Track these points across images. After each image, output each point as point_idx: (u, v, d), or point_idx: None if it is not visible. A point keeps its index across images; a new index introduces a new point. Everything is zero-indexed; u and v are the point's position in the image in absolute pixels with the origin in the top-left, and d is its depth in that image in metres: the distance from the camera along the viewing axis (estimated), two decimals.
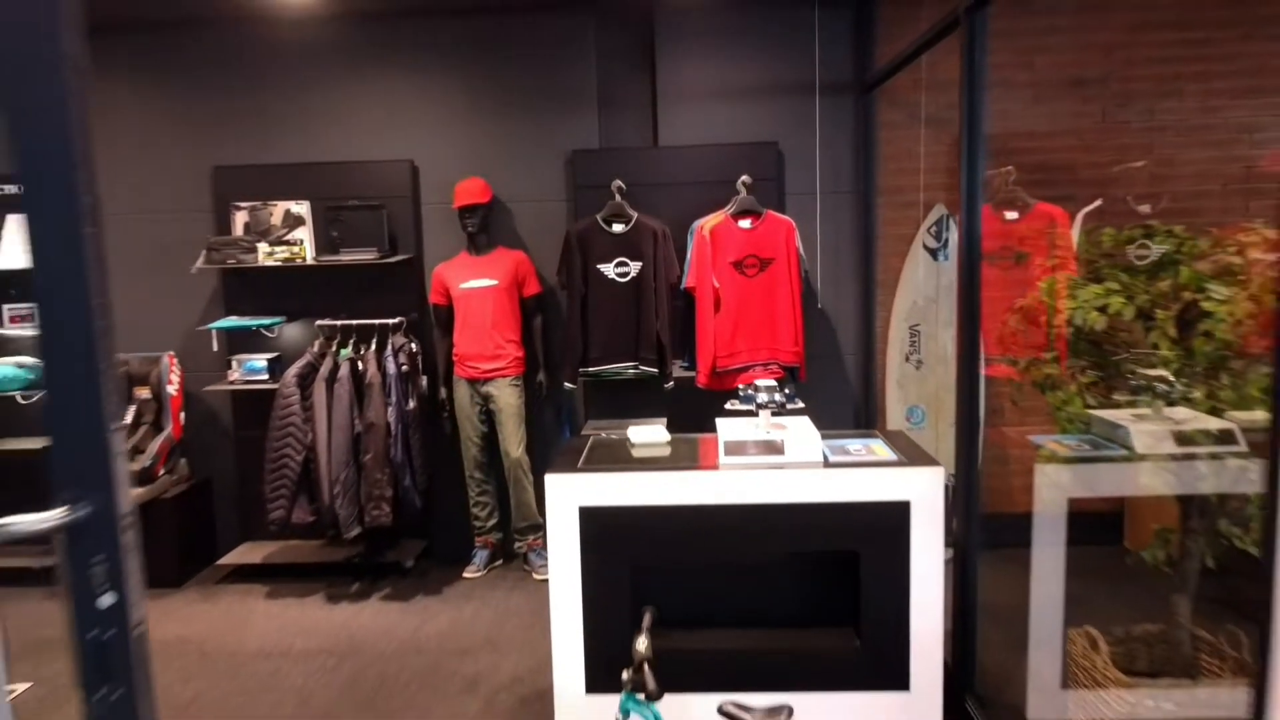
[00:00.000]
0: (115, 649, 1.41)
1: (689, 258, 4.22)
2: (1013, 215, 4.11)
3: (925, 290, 4.39)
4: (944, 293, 4.33)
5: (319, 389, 4.12)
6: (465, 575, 4.45)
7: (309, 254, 4.44)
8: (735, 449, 2.84)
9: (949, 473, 2.95)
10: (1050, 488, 2.75)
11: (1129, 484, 2.72)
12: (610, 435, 3.24)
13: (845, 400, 4.56)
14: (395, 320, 4.37)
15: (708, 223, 4.15)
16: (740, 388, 3.33)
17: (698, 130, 4.47)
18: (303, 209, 4.47)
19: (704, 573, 2.96)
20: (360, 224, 4.44)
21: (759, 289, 4.18)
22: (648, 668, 2.41)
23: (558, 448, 3.61)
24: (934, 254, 4.40)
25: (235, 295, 4.54)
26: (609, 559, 2.78)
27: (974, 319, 2.93)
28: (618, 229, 4.26)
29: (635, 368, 4.27)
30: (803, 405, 3.55)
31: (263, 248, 4.38)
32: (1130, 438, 2.65)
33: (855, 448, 2.97)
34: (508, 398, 4.33)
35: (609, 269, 4.26)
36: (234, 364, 4.46)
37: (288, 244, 4.41)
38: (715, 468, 2.81)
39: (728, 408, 3.44)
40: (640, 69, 4.52)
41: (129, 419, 4.51)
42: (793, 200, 4.44)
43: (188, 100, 4.53)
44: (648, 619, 2.53)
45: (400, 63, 4.51)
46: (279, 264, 4.38)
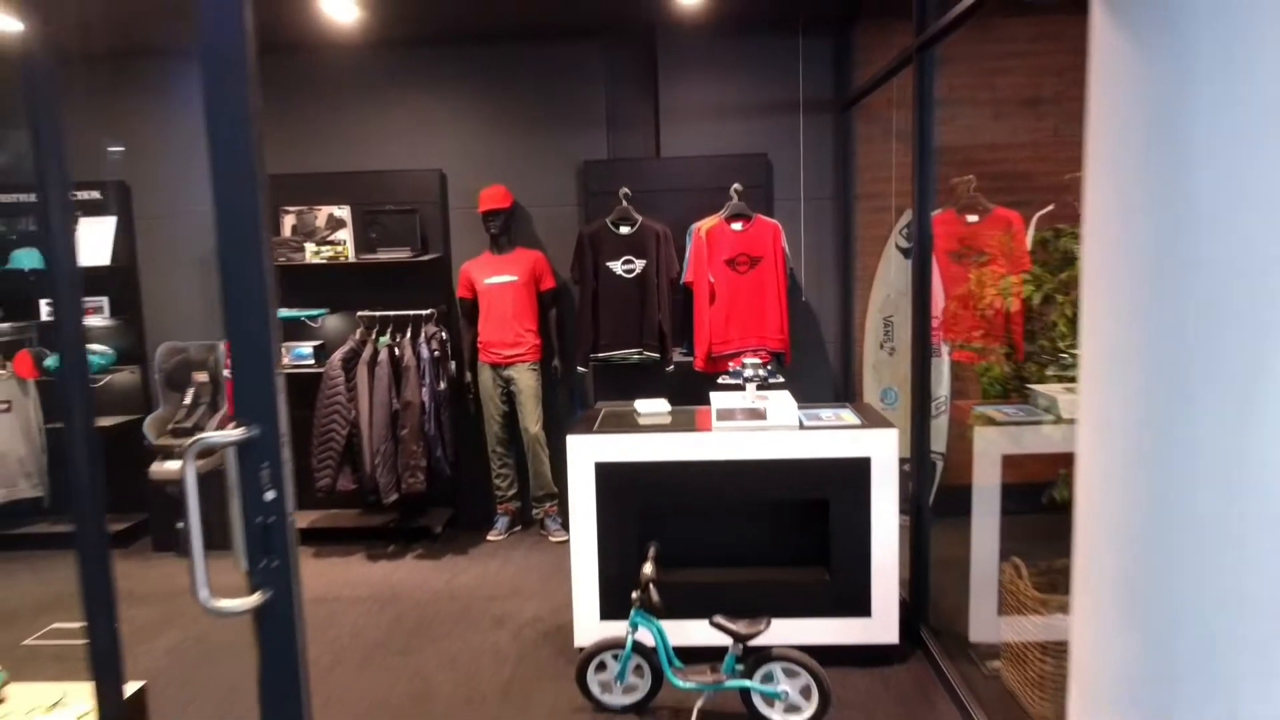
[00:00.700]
0: (275, 531, 1.96)
1: (687, 256, 4.77)
2: (974, 218, 4.65)
3: (897, 285, 4.93)
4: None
5: (362, 372, 4.68)
6: (489, 538, 5.00)
7: (350, 253, 4.99)
8: (725, 415, 3.39)
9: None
10: (987, 446, 3.30)
11: (1049, 444, 3.26)
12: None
13: (826, 382, 5.11)
14: (427, 311, 4.93)
15: (704, 225, 4.71)
16: (731, 366, 3.88)
17: (695, 143, 5.02)
18: (344, 213, 5.02)
19: (699, 518, 3.51)
20: (395, 226, 4.99)
21: (749, 284, 4.73)
22: (653, 588, 2.97)
23: (573, 419, 4.15)
24: (905, 253, 4.94)
25: (284, 289, 5.09)
26: (620, 506, 3.33)
27: (925, 311, 3.49)
28: (624, 231, 4.81)
29: (640, 353, 4.82)
30: (783, 380, 4.09)
31: (309, 247, 4.93)
32: (1058, 406, 3.21)
33: (826, 415, 3.52)
34: (527, 380, 4.88)
35: (617, 266, 4.82)
36: (283, 351, 5.01)
37: (331, 244, 4.96)
38: (709, 430, 3.37)
39: (720, 382, 3.99)
40: (644, 89, 5.07)
41: (188, 400, 5.07)
42: (779, 205, 5.00)
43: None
44: (652, 550, 3.09)
45: (431, 84, 5.06)
46: (323, 261, 4.94)
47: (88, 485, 1.88)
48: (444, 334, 4.93)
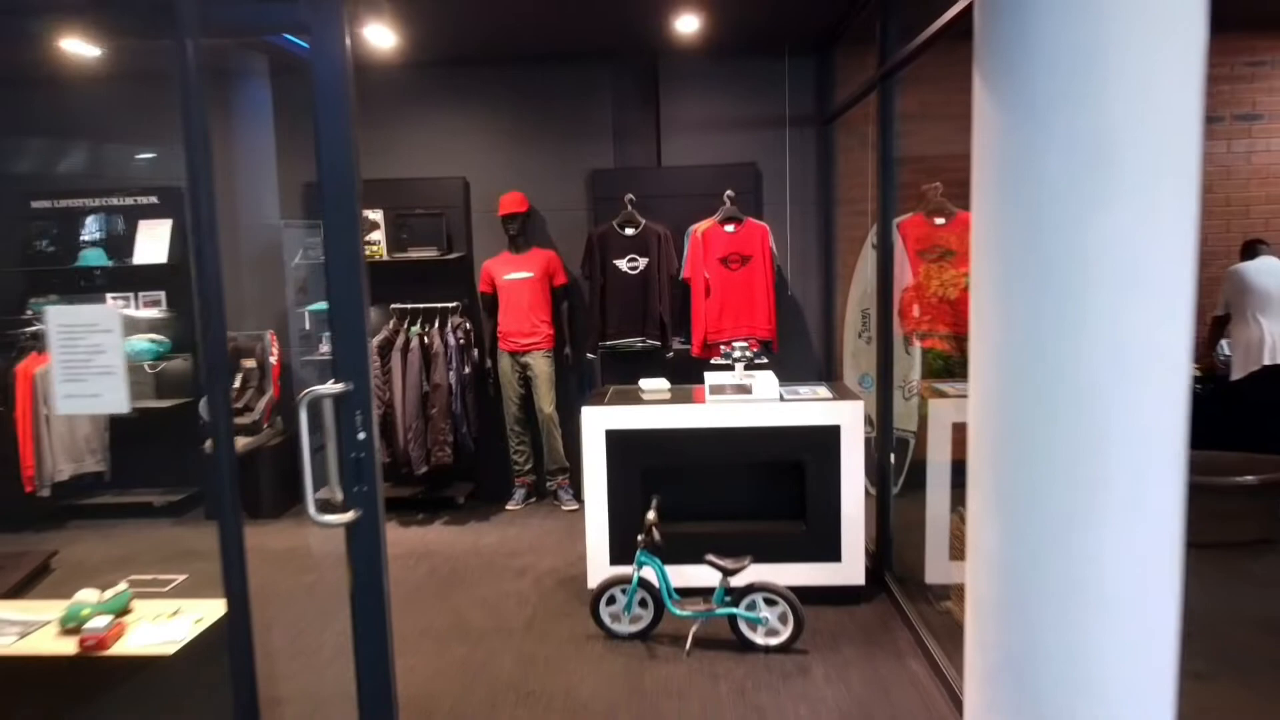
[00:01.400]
0: (364, 463, 2.53)
1: (685, 255, 5.35)
2: (941, 221, 5.21)
3: (874, 281, 5.49)
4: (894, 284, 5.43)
5: (395, 357, 5.25)
6: (508, 508, 5.58)
7: (384, 251, 5.57)
8: (717, 389, 3.97)
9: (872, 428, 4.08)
10: (938, 415, 3.87)
11: None
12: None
13: (810, 368, 5.68)
14: (452, 304, 5.50)
15: (700, 227, 5.28)
16: (723, 350, 4.45)
17: (692, 154, 5.60)
18: (378, 216, 5.59)
19: (694, 477, 4.08)
20: (424, 228, 5.57)
21: (740, 280, 5.31)
22: (655, 531, 3.55)
23: (585, 399, 4.72)
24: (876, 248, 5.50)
25: (323, 284, 5.66)
26: (626, 467, 3.91)
27: (888, 302, 4.07)
28: (629, 232, 5.39)
29: (643, 341, 5.40)
30: (767, 361, 4.65)
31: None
32: None
33: (804, 391, 4.10)
34: (541, 366, 5.46)
35: (622, 264, 5.39)
36: (323, 340, 5.59)
37: (366, 243, 5.53)
38: (703, 402, 3.95)
39: (712, 363, 4.56)
40: (646, 106, 5.65)
41: (237, 383, 5.65)
42: (768, 209, 5.57)
43: (288, 129, 5.66)
44: (655, 501, 3.67)
45: (456, 101, 5.64)
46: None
47: (226, 452, 2.45)
48: (467, 324, 5.50)
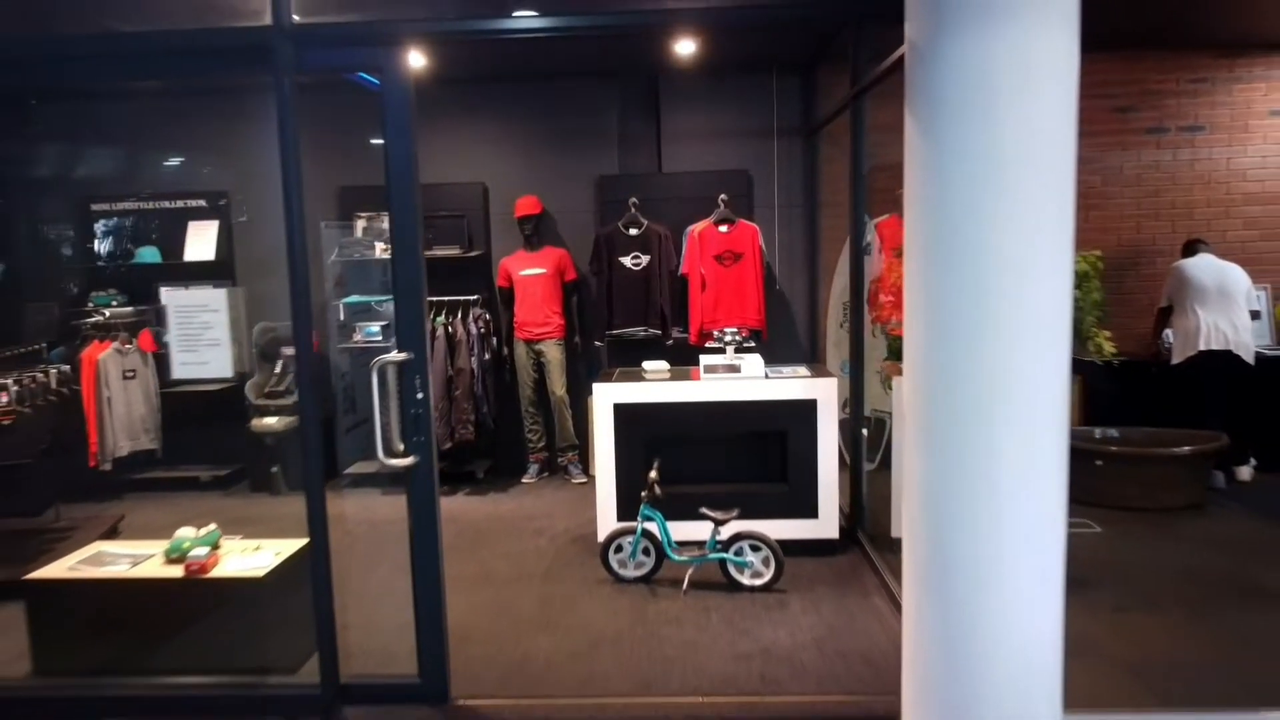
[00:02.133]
0: (422, 419, 3.12)
1: (684, 253, 5.93)
2: None
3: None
4: (865, 278, 6.01)
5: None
6: (523, 481, 6.17)
7: None
8: (710, 368, 4.56)
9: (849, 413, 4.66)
10: (900, 390, 4.45)
11: None
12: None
13: (796, 354, 6.26)
14: (473, 297, 6.09)
15: (697, 228, 5.87)
16: (714, 332, 5.05)
17: (690, 161, 6.19)
18: None
19: (690, 445, 4.66)
20: (447, 228, 6.15)
21: (733, 275, 5.89)
22: (656, 487, 4.14)
23: (595, 377, 5.31)
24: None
25: (356, 279, 6.26)
26: (631, 435, 4.50)
27: (860, 295, 4.66)
28: (633, 232, 5.98)
29: (645, 330, 5.99)
30: (754, 345, 5.24)
31: (379, 245, 6.10)
32: None
33: (786, 370, 4.69)
34: (553, 353, 6.05)
35: (627, 261, 5.98)
36: (356, 329, 6.17)
37: None
38: (698, 379, 4.54)
39: (707, 346, 5.14)
40: (648, 118, 6.24)
41: (278, 369, 6.23)
42: (758, 212, 6.15)
43: (324, 138, 6.23)
44: (656, 463, 4.25)
45: (476, 114, 6.22)
46: (389, 257, 6.09)
47: (313, 422, 3.04)
48: (487, 315, 6.09)
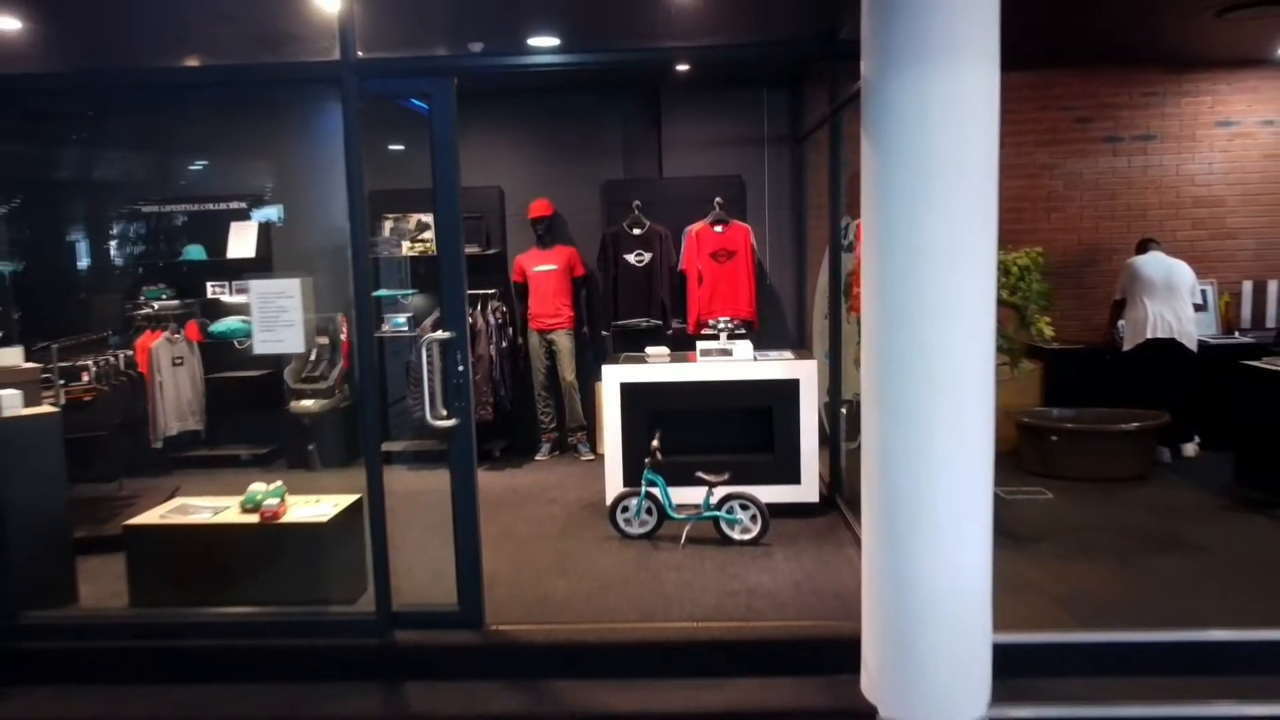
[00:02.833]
0: (461, 388, 3.73)
1: (682, 250, 6.53)
2: None
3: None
4: (843, 273, 6.62)
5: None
6: (536, 459, 6.77)
7: (433, 248, 6.75)
8: (706, 352, 5.17)
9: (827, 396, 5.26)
10: None
11: None
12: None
13: (785, 342, 6.84)
14: (491, 291, 6.69)
15: (694, 228, 6.47)
16: (709, 322, 5.66)
17: (688, 167, 6.79)
18: (429, 218, 6.78)
19: (687, 419, 5.25)
20: (467, 229, 6.70)
21: (727, 271, 6.49)
22: (658, 454, 4.74)
23: (603, 362, 5.90)
24: (842, 248, 6.68)
25: (385, 275, 6.86)
26: (636, 410, 5.10)
27: (838, 289, 5.26)
28: (636, 232, 6.58)
29: (648, 321, 6.59)
30: (745, 332, 5.84)
31: (405, 244, 6.70)
32: None
33: (773, 354, 5.30)
34: (564, 342, 6.65)
35: (631, 258, 6.59)
36: (385, 320, 6.78)
37: (421, 242, 6.74)
38: (695, 361, 5.14)
39: (703, 334, 5.75)
40: (650, 128, 6.84)
41: (313, 357, 6.83)
42: (750, 213, 6.75)
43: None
44: (658, 434, 4.86)
45: (494, 124, 6.82)
46: (415, 255, 6.71)
47: (371, 393, 3.64)
48: (504, 307, 6.69)
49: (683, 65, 5.80)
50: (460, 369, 3.69)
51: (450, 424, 3.67)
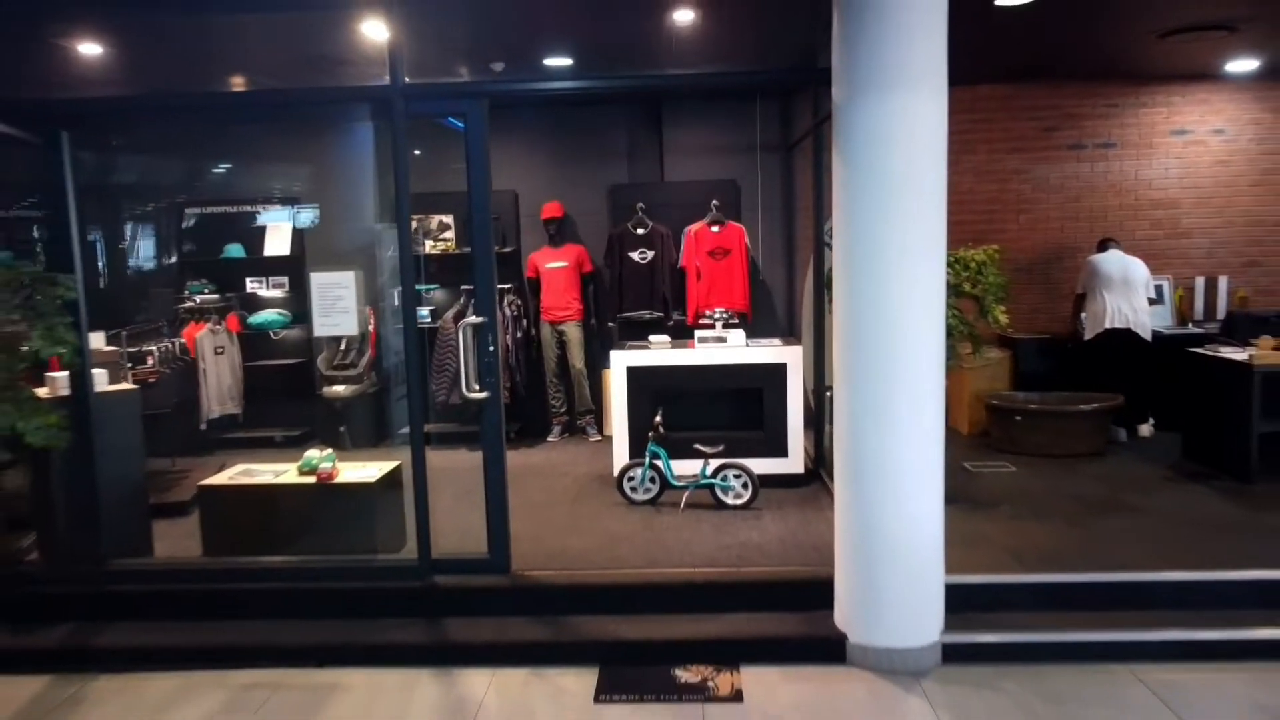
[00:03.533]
0: (491, 365, 4.33)
1: (682, 248, 7.13)
2: None
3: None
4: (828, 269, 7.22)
5: (465, 325, 7.03)
6: (548, 440, 7.38)
7: (454, 246, 7.36)
8: (703, 339, 5.78)
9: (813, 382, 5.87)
10: None
11: None
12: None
13: (776, 332, 7.45)
14: (507, 286, 7.29)
15: (693, 228, 7.07)
16: (707, 313, 6.27)
17: (687, 172, 7.39)
18: (450, 219, 7.39)
19: (687, 399, 5.85)
20: None
21: (723, 268, 7.10)
22: (660, 428, 5.35)
23: (609, 350, 6.50)
24: (828, 246, 7.28)
25: None
26: (640, 391, 5.70)
27: (820, 283, 5.85)
28: (640, 232, 7.18)
29: (650, 313, 7.19)
30: (738, 322, 6.44)
31: (428, 242, 7.31)
32: None
33: (764, 341, 5.90)
34: (574, 333, 7.25)
35: (635, 255, 7.19)
36: None
37: (442, 240, 7.34)
38: (693, 348, 5.75)
39: (700, 323, 6.35)
40: (653, 135, 7.44)
41: (343, 346, 7.44)
42: (745, 215, 7.36)
43: (384, 154, 7.44)
44: (660, 410, 5.46)
45: (509, 132, 7.41)
46: (437, 253, 7.31)
47: (415, 369, 4.24)
48: (518, 301, 7.30)
49: (683, 91, 6.41)
50: (491, 349, 4.29)
51: (482, 396, 4.27)
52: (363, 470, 4.68)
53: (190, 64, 5.06)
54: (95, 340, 4.76)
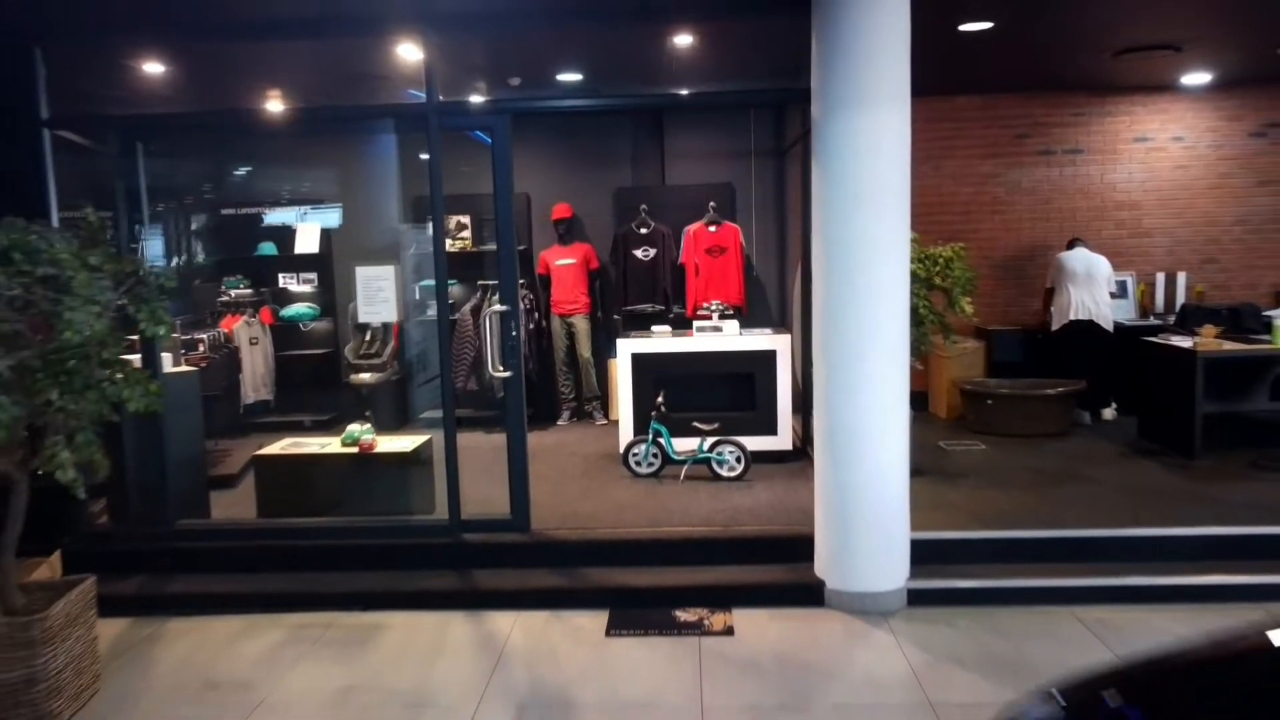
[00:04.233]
0: (514, 349, 4.92)
1: (682, 247, 7.72)
2: None
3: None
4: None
5: (484, 315, 7.62)
6: (558, 424, 7.97)
7: (470, 244, 7.95)
8: (701, 329, 6.37)
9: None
10: None
11: None
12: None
13: (768, 323, 8.04)
14: (520, 281, 7.85)
15: (692, 228, 7.66)
16: (704, 305, 6.86)
17: (687, 175, 7.98)
18: (466, 219, 7.97)
19: (686, 382, 6.44)
20: None
21: (720, 264, 7.68)
22: (662, 407, 5.94)
23: (616, 339, 7.07)
24: None
25: (427, 267, 8.01)
26: (643, 375, 6.29)
27: (808, 279, 6.44)
28: (643, 231, 7.77)
29: (652, 307, 7.78)
30: (733, 313, 7.02)
31: (447, 241, 7.88)
32: None
33: (756, 331, 6.50)
34: (582, 325, 7.84)
35: (639, 253, 7.78)
36: (429, 306, 7.96)
37: (459, 239, 7.93)
38: (692, 336, 6.34)
39: (698, 314, 6.94)
40: (655, 142, 8.03)
41: (368, 337, 8.03)
42: (740, 215, 7.94)
43: (405, 159, 8.03)
44: (662, 392, 6.05)
45: (523, 139, 7.97)
46: (455, 250, 7.89)
47: (446, 351, 4.83)
48: (530, 295, 7.88)
49: (684, 106, 6.99)
50: (513, 334, 4.88)
51: (506, 374, 4.86)
52: (398, 442, 5.27)
53: (240, 81, 5.64)
54: None
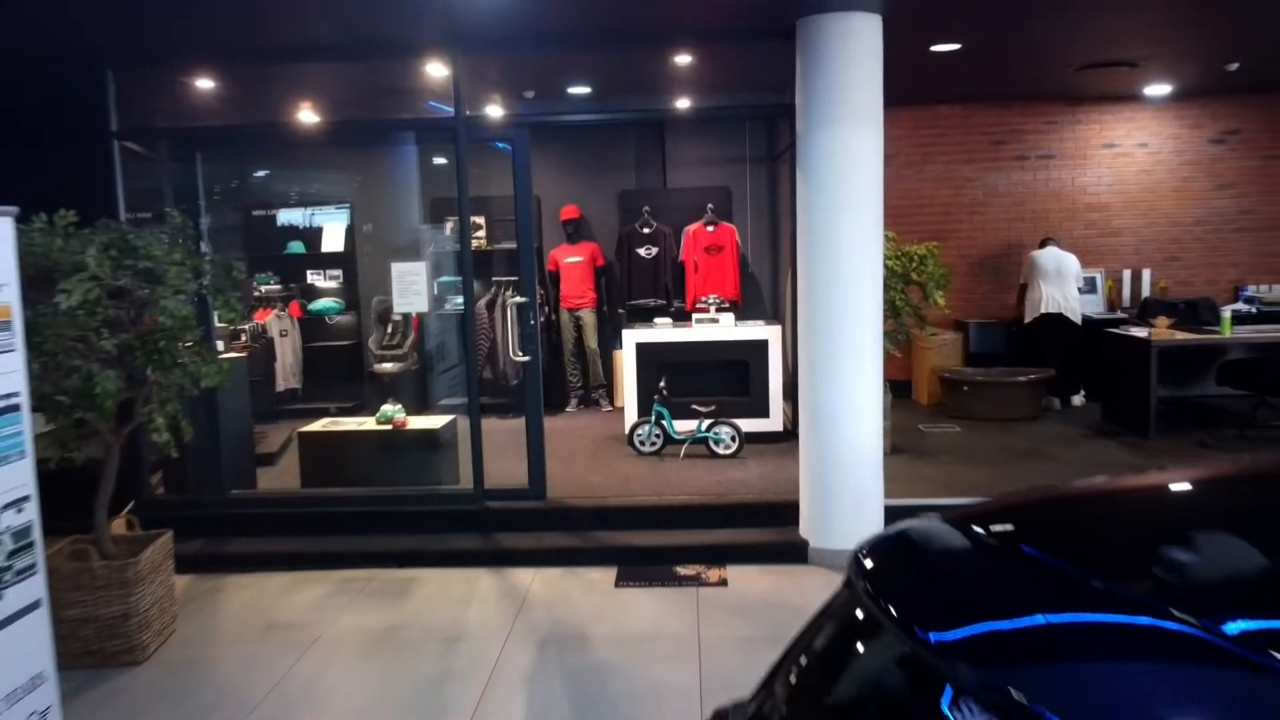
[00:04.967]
0: (532, 335, 5.50)
1: (682, 245, 8.31)
2: None
3: None
4: None
5: (496, 310, 8.22)
6: (566, 411, 8.56)
7: (485, 244, 8.53)
8: (700, 320, 6.97)
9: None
10: None
11: None
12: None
13: (761, 317, 8.62)
14: None
15: (691, 228, 8.25)
16: (703, 300, 7.46)
17: (687, 179, 8.57)
18: (481, 220, 8.55)
19: (686, 369, 7.02)
20: (510, 228, 8.49)
21: (717, 262, 8.27)
22: (664, 391, 6.54)
23: (621, 331, 7.65)
24: None
25: (446, 265, 8.62)
26: (647, 362, 6.89)
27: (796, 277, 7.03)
28: (646, 231, 8.36)
29: (654, 302, 8.37)
30: (729, 307, 7.60)
31: None
32: None
33: (750, 323, 7.09)
34: (589, 318, 8.43)
35: (642, 251, 8.37)
36: (447, 301, 8.55)
37: (475, 239, 8.51)
38: (691, 327, 6.94)
39: (697, 308, 7.53)
40: (657, 148, 8.62)
41: (389, 329, 8.61)
42: (736, 216, 8.53)
43: (424, 162, 8.62)
44: (664, 378, 6.64)
45: (535, 147, 8.56)
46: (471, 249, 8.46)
47: (470, 342, 5.42)
48: (540, 291, 8.46)
49: (683, 118, 7.59)
50: (531, 323, 5.46)
51: (525, 360, 5.45)
52: (427, 420, 5.86)
53: (281, 96, 6.23)
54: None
